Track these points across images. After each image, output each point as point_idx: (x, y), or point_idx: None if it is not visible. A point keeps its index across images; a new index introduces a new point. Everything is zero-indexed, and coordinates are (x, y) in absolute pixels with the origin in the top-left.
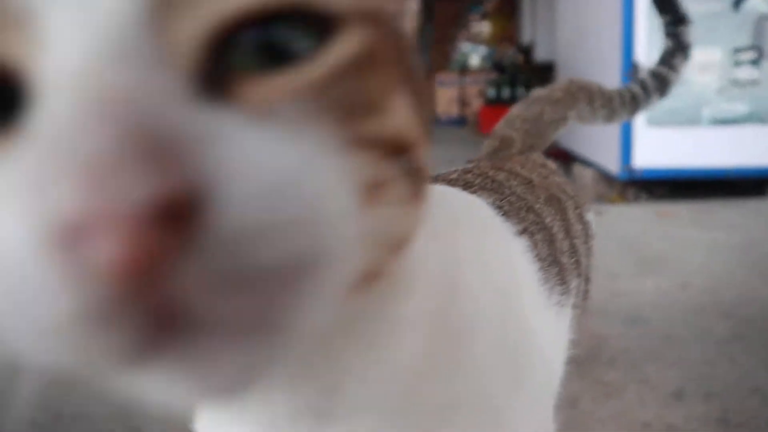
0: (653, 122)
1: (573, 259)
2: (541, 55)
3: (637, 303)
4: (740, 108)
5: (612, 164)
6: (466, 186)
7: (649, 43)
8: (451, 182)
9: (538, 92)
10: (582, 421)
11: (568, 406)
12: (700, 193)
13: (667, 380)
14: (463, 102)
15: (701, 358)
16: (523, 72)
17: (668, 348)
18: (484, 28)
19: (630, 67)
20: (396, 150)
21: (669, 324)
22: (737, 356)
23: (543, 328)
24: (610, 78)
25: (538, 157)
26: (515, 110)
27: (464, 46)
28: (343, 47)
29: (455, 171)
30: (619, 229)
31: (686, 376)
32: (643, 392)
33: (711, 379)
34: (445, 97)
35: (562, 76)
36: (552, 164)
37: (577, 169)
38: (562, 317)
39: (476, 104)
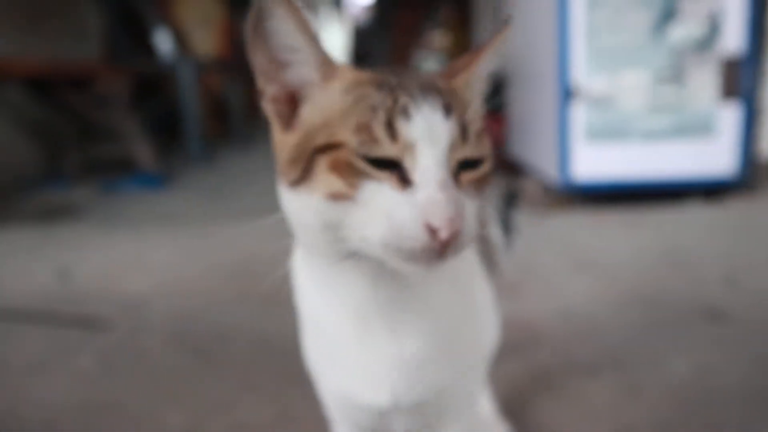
0: (589, 139)
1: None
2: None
3: (570, 298)
4: (664, 124)
5: (554, 177)
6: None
7: (582, 67)
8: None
9: None
10: (516, 393)
11: (507, 382)
12: (633, 201)
13: (587, 357)
14: None
15: (619, 341)
16: None
17: (591, 331)
18: (440, 37)
19: (567, 85)
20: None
21: (595, 315)
22: (649, 339)
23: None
24: (550, 99)
25: None
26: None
27: (421, 54)
28: (486, 166)
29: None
30: (557, 234)
31: (604, 354)
32: (566, 368)
33: (624, 356)
34: None
35: (513, 87)
36: None
37: (524, 180)
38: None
39: None
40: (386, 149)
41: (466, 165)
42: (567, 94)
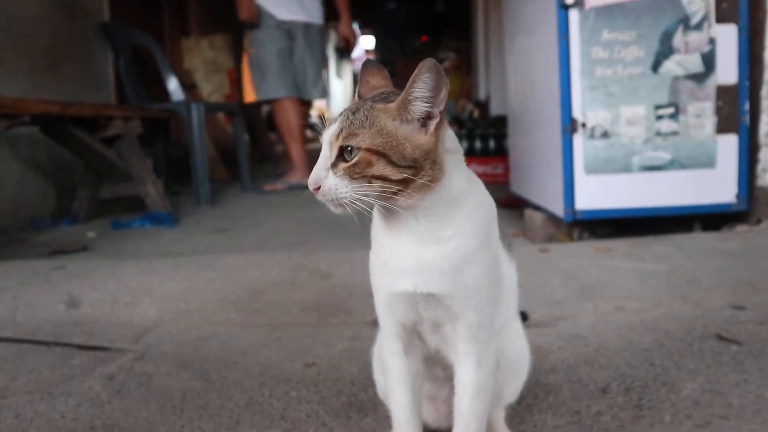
0: (590, 171)
1: None
2: (495, 109)
3: (577, 324)
4: (664, 156)
5: (557, 208)
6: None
7: (583, 102)
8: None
9: None
10: (524, 413)
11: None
12: (636, 230)
13: (597, 379)
14: None
15: (627, 363)
16: (479, 125)
17: (600, 356)
18: None
19: (569, 121)
20: (382, 177)
21: (603, 339)
22: (656, 360)
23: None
24: (553, 132)
25: None
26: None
27: None
28: (358, 156)
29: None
30: (563, 263)
31: (612, 376)
32: (576, 389)
33: (635, 379)
34: None
35: (513, 129)
36: None
37: (528, 213)
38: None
39: None
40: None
41: (342, 151)
42: (568, 128)
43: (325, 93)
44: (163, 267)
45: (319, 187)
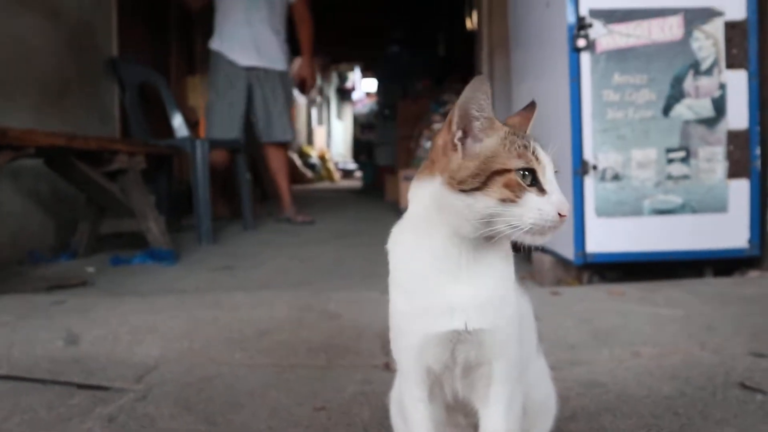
0: (601, 213)
1: None
2: None
3: (594, 370)
4: (675, 200)
5: (567, 250)
6: None
7: (594, 144)
8: None
9: None
10: None
11: None
12: (647, 275)
13: (620, 428)
14: None
15: (650, 411)
16: None
17: (622, 403)
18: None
19: (580, 164)
20: None
21: (623, 385)
22: (680, 409)
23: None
24: (564, 174)
25: None
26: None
27: (427, 143)
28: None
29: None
30: (575, 307)
31: (637, 424)
32: None
33: (659, 427)
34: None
35: None
36: None
37: (537, 255)
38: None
39: None
40: (534, 165)
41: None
42: (580, 170)
43: (290, 136)
44: (167, 304)
45: (563, 216)
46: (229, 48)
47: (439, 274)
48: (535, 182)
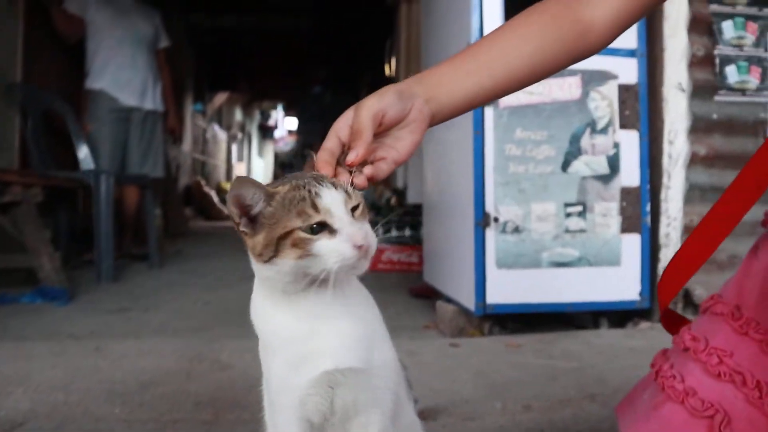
0: (501, 265)
1: None
2: (412, 197)
3: (485, 425)
4: (572, 252)
5: (468, 301)
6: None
7: (496, 197)
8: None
9: None
10: None
11: None
12: (546, 325)
13: None
14: None
15: None
16: (396, 213)
17: None
18: None
19: (482, 216)
20: None
21: None
22: None
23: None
24: (466, 225)
25: None
26: None
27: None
28: (362, 206)
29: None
30: (473, 360)
31: None
32: None
33: None
34: None
35: (428, 218)
36: None
37: (440, 304)
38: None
39: None
40: (317, 218)
41: (354, 208)
42: (481, 222)
43: (162, 173)
44: (46, 350)
45: (368, 241)
46: (116, 88)
47: (302, 326)
48: (323, 227)
